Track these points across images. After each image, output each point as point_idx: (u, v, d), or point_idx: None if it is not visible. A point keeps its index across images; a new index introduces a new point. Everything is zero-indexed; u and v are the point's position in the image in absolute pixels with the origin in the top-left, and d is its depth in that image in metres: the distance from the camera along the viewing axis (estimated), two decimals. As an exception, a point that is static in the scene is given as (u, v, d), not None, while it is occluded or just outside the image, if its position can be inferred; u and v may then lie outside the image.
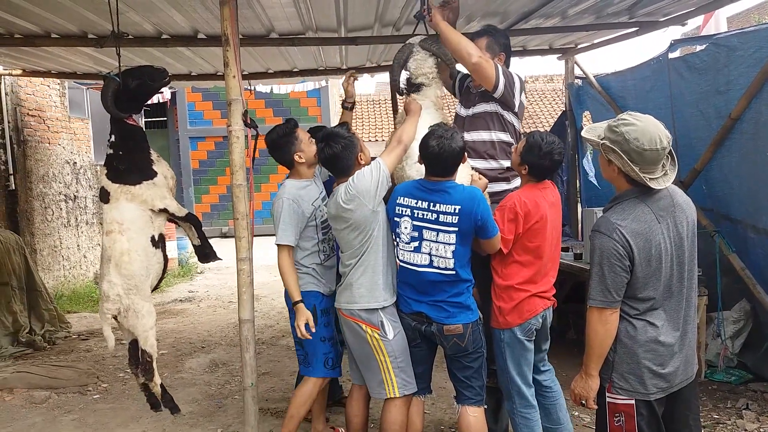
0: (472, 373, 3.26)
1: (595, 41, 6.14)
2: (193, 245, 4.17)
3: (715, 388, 4.66)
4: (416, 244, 3.18)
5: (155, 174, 3.83)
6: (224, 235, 16.05)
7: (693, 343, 2.62)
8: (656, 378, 2.49)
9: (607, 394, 2.56)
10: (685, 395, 2.62)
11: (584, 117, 6.79)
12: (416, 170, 3.44)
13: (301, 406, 3.62)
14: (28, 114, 8.25)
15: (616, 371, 2.53)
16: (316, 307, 3.52)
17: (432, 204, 3.14)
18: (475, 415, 3.24)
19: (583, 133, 2.68)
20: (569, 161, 6.69)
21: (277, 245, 3.45)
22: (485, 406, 3.32)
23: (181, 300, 9.24)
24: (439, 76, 3.81)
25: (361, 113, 21.64)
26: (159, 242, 3.85)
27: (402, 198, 3.23)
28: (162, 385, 3.97)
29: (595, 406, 2.60)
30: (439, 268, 3.15)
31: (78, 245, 9.43)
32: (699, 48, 4.93)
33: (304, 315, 3.35)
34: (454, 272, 3.13)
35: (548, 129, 10.05)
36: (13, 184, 7.82)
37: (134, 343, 3.85)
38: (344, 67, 6.99)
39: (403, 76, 3.84)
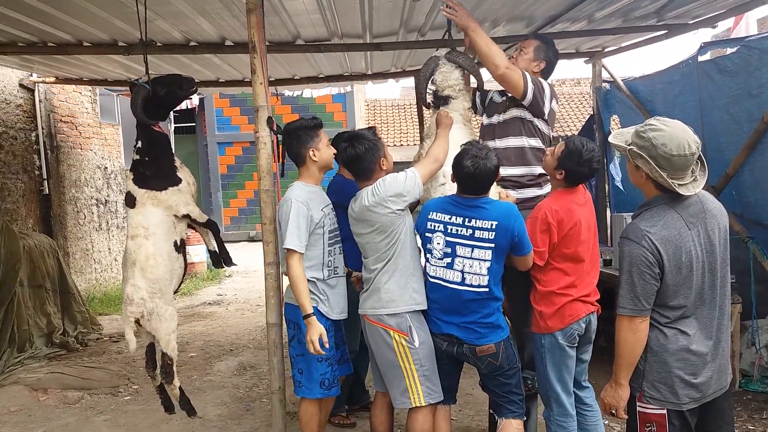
0: (512, 388, 3.21)
1: (623, 44, 6.07)
2: (209, 251, 4.24)
3: (749, 398, 4.57)
4: (449, 260, 3.11)
5: (180, 180, 3.89)
6: (252, 239, 16.19)
7: (726, 352, 2.57)
8: (688, 388, 2.45)
9: (638, 404, 2.51)
10: (719, 405, 2.57)
11: (612, 121, 6.73)
12: (441, 193, 3.46)
13: (306, 426, 3.50)
14: (61, 120, 8.44)
15: (646, 380, 2.49)
16: None
17: (467, 219, 3.09)
18: (518, 428, 3.21)
19: (610, 139, 2.65)
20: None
21: (286, 250, 3.25)
22: (525, 418, 3.29)
23: (209, 303, 9.35)
24: (466, 88, 3.81)
25: (386, 117, 21.68)
26: (181, 247, 3.91)
27: (434, 213, 3.17)
28: (180, 388, 4.02)
29: (626, 416, 2.56)
30: (472, 285, 3.08)
31: (109, 248, 9.60)
32: (729, 51, 4.85)
33: (317, 329, 3.15)
34: (487, 290, 3.07)
35: (575, 133, 9.97)
36: (47, 189, 8.00)
37: (151, 347, 3.91)
38: (369, 72, 7.03)
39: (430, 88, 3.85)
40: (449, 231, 3.11)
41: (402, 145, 18.98)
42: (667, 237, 2.39)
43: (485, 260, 3.06)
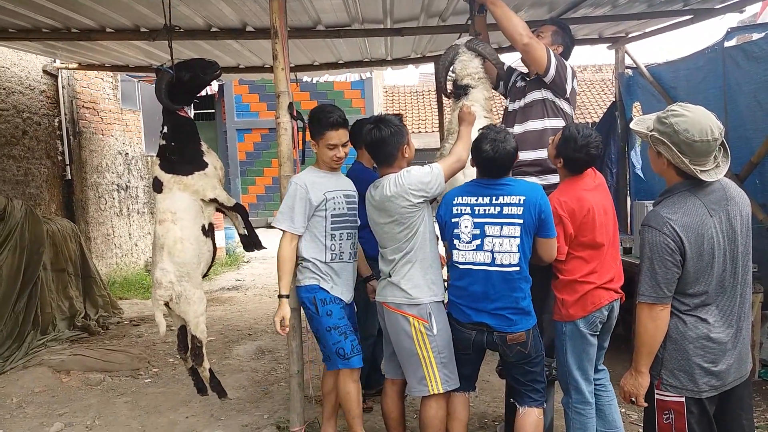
0: (536, 376, 3.19)
1: (647, 30, 5.98)
2: (240, 234, 4.25)
3: (748, 389, 4.51)
4: (478, 242, 3.05)
5: (206, 165, 3.91)
6: (270, 226, 16.25)
7: (747, 340, 2.54)
8: (708, 376, 2.43)
9: (656, 391, 2.50)
10: (739, 394, 2.55)
11: (634, 108, 6.64)
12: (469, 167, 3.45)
13: (345, 402, 3.47)
14: (83, 106, 8.53)
15: (665, 368, 2.47)
16: (315, 297, 3.37)
17: (494, 197, 3.05)
18: (540, 417, 3.19)
19: (632, 125, 2.62)
20: (619, 153, 6.56)
21: (281, 230, 3.34)
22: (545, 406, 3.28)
23: (228, 288, 9.43)
24: (486, 76, 3.77)
25: (405, 104, 21.61)
26: (209, 231, 3.94)
27: (459, 198, 3.13)
28: (210, 370, 4.07)
29: (645, 404, 2.54)
30: (503, 265, 3.02)
31: (129, 234, 9.71)
32: (756, 36, 4.76)
33: (282, 312, 3.28)
34: (518, 268, 3.02)
35: (596, 120, 9.85)
36: (70, 174, 8.10)
37: (183, 330, 3.95)
38: (389, 58, 6.99)
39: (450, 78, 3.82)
40: (476, 212, 3.07)
41: (420, 132, 18.92)
42: (688, 224, 2.37)
43: (515, 237, 3.00)
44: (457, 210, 3.12)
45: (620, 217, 6.56)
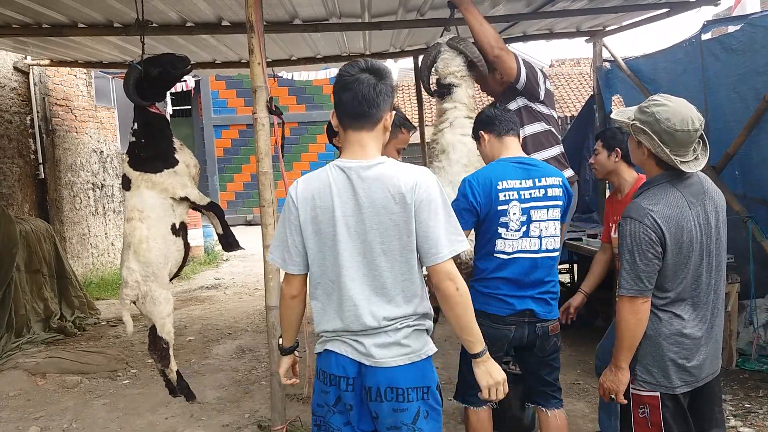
0: (558, 374, 3.10)
1: (624, 23, 6.00)
2: (217, 234, 4.20)
3: (746, 377, 4.58)
4: (525, 228, 2.87)
5: (177, 162, 3.84)
6: (249, 223, 16.17)
7: (720, 336, 2.56)
8: (681, 371, 2.44)
9: (631, 386, 2.50)
10: (712, 389, 2.57)
11: (614, 101, 6.68)
12: (456, 171, 3.44)
13: None
14: (56, 104, 8.36)
15: (639, 363, 2.47)
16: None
17: (537, 179, 2.90)
18: (564, 417, 3.10)
19: (612, 116, 2.62)
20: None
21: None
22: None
23: (207, 287, 9.34)
24: (469, 74, 3.76)
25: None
26: (180, 230, 3.87)
27: (504, 182, 2.88)
28: (178, 372, 4.01)
29: (625, 401, 2.53)
30: (548, 250, 2.91)
31: (106, 233, 9.57)
32: (732, 29, 4.79)
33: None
34: (558, 253, 2.97)
35: (575, 113, 9.92)
36: (43, 173, 7.94)
37: (154, 329, 3.89)
38: (368, 52, 6.95)
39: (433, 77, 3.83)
40: (522, 196, 2.87)
41: (400, 127, 18.90)
42: (669, 215, 2.37)
43: (557, 220, 2.93)
44: (504, 196, 2.87)
45: (599, 210, 6.61)
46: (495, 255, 2.90)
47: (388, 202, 2.03)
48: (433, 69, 3.80)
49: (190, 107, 18.37)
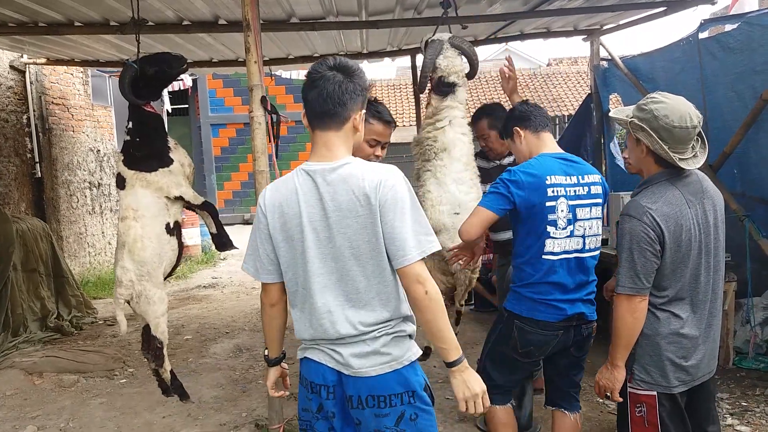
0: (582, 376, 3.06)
1: (621, 22, 6.00)
2: (210, 233, 4.19)
3: (743, 375, 4.58)
4: (571, 227, 2.75)
5: (171, 161, 3.83)
6: (246, 222, 16.14)
7: (717, 336, 2.56)
8: (679, 371, 2.44)
9: (628, 385, 2.51)
10: (708, 388, 2.58)
11: (611, 99, 6.67)
12: (453, 222, 3.42)
13: None
14: (52, 102, 8.34)
15: (637, 363, 2.48)
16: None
17: (581, 176, 2.79)
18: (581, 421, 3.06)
19: (611, 113, 2.63)
20: (595, 145, 6.59)
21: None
22: None
23: (204, 286, 9.33)
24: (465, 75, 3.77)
25: (382, 98, 21.54)
26: (174, 230, 3.86)
27: (551, 177, 2.73)
28: (172, 372, 4.00)
29: (620, 399, 2.54)
30: (590, 249, 2.81)
31: (102, 232, 9.55)
32: (729, 27, 4.80)
33: None
34: (599, 252, 2.87)
35: (572, 112, 9.91)
36: (40, 172, 7.92)
37: (147, 329, 3.88)
38: (365, 51, 6.94)
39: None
40: (569, 193, 2.75)
41: (397, 126, 18.89)
42: (668, 213, 2.37)
43: (599, 218, 2.83)
44: (552, 192, 2.72)
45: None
46: (544, 257, 2.74)
47: (353, 204, 1.95)
48: (434, 66, 3.77)
49: (187, 106, 18.34)
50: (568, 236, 2.75)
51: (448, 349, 1.98)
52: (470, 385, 2.00)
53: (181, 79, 10.82)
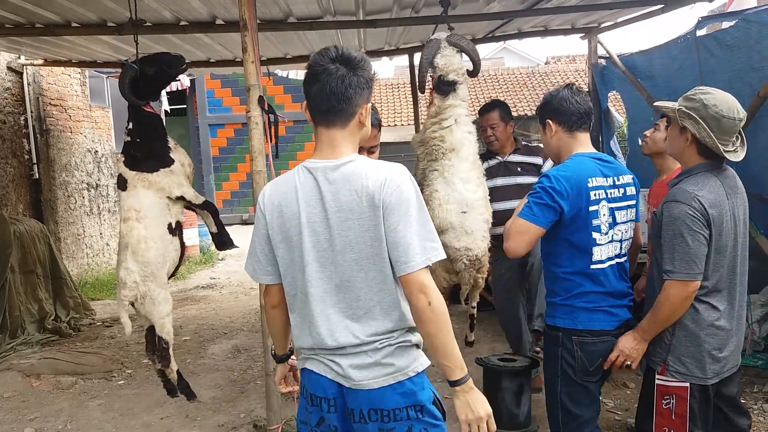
0: None
1: (619, 20, 6.00)
2: (211, 233, 4.17)
3: (741, 372, 4.57)
4: (612, 232, 2.59)
5: (172, 161, 3.82)
6: (245, 222, 16.13)
7: (743, 329, 2.59)
8: (715, 363, 2.45)
9: (657, 377, 2.50)
10: (735, 380, 2.60)
11: (610, 97, 6.67)
12: (461, 221, 3.44)
13: None
14: (50, 103, 8.33)
15: (672, 354, 2.47)
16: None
17: (617, 178, 2.63)
18: None
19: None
20: (593, 143, 6.58)
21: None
22: None
23: (203, 287, 9.32)
24: (466, 73, 3.75)
25: (380, 97, 21.55)
26: (176, 230, 3.85)
27: (593, 179, 2.55)
28: (178, 372, 3.99)
29: (635, 368, 2.55)
30: (625, 254, 2.68)
31: (101, 233, 9.53)
32: (726, 25, 4.79)
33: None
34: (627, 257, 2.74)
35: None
36: (37, 173, 7.91)
37: (151, 330, 3.86)
38: (363, 50, 6.93)
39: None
40: (609, 196, 2.58)
41: (396, 125, 18.88)
42: (713, 200, 2.38)
43: (633, 221, 2.71)
44: (595, 195, 2.54)
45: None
46: (593, 266, 2.57)
47: (355, 204, 1.81)
48: (432, 65, 3.76)
49: (185, 106, 18.32)
50: (609, 241, 2.60)
51: (453, 367, 1.83)
52: (474, 407, 1.84)
53: (179, 80, 10.82)
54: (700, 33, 4.92)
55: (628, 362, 2.53)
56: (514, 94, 19.57)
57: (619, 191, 2.63)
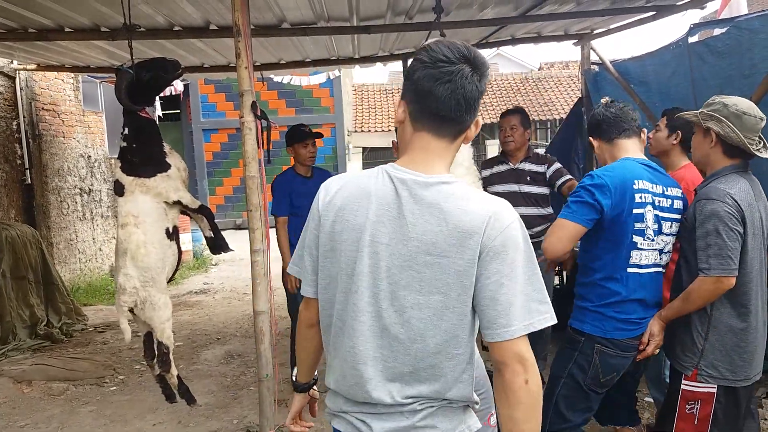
0: None
1: (612, 26, 6.04)
2: (205, 237, 4.17)
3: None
4: (657, 239, 2.56)
5: (169, 166, 3.82)
6: (238, 227, 16.09)
7: (765, 333, 2.58)
8: (746, 366, 2.46)
9: (684, 382, 2.50)
10: (753, 385, 2.60)
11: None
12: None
13: None
14: (42, 108, 8.29)
15: (704, 359, 2.47)
16: None
17: (666, 188, 2.59)
18: None
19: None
20: (585, 149, 6.60)
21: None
22: None
23: (196, 292, 9.28)
24: None
25: (375, 103, 21.58)
26: (173, 234, 3.85)
27: (639, 182, 2.50)
28: (178, 376, 3.98)
29: (656, 352, 2.57)
30: (664, 266, 2.64)
31: (93, 238, 9.49)
32: (718, 31, 4.81)
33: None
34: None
35: (564, 116, 9.94)
36: (29, 178, 7.87)
37: (149, 335, 3.86)
38: (357, 56, 6.94)
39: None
40: (656, 203, 2.53)
41: (390, 130, 18.91)
42: (745, 199, 2.40)
43: (675, 235, 2.64)
44: (640, 198, 2.48)
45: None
46: (630, 270, 2.52)
47: (442, 238, 1.44)
48: None
49: (179, 111, 18.28)
50: (651, 249, 2.54)
51: None
52: None
53: (173, 85, 10.81)
54: (692, 40, 4.94)
55: (653, 346, 2.53)
56: (508, 100, 19.65)
57: (667, 201, 2.58)
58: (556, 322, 1.49)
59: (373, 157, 19.76)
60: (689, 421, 2.48)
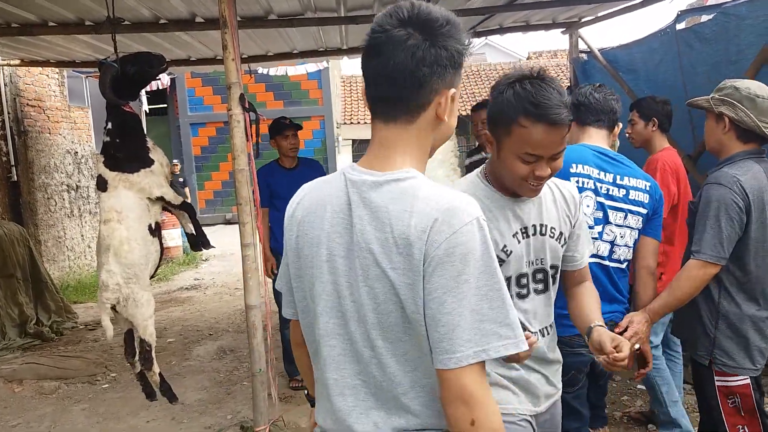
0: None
1: (600, 14, 6.03)
2: (187, 234, 4.15)
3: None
4: (600, 228, 2.45)
5: (152, 161, 3.79)
6: (228, 222, 16.03)
7: None
8: (760, 355, 2.44)
9: (716, 378, 2.47)
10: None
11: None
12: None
13: None
14: (27, 104, 8.20)
15: (718, 347, 2.45)
16: None
17: (619, 177, 2.50)
18: None
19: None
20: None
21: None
22: None
23: (187, 288, 9.24)
24: None
25: (361, 94, 21.48)
26: (156, 231, 3.82)
27: (577, 165, 2.43)
28: (160, 374, 3.95)
29: (636, 349, 2.36)
30: (618, 261, 2.52)
31: (82, 235, 9.41)
32: (705, 18, 4.82)
33: None
34: (626, 265, 2.57)
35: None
36: (15, 176, 7.78)
37: (130, 333, 3.83)
38: (345, 47, 6.90)
39: None
40: (600, 190, 2.46)
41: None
42: (755, 186, 2.37)
43: (635, 229, 2.53)
44: (576, 182, 2.39)
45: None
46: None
47: (388, 247, 1.22)
48: None
49: (166, 105, 18.15)
50: (596, 237, 2.42)
51: None
52: None
53: (159, 79, 10.71)
54: (679, 26, 4.94)
55: (637, 344, 2.33)
56: (497, 90, 19.62)
57: (619, 191, 2.48)
58: (525, 348, 1.20)
59: (362, 149, 19.71)
60: (737, 415, 2.45)
